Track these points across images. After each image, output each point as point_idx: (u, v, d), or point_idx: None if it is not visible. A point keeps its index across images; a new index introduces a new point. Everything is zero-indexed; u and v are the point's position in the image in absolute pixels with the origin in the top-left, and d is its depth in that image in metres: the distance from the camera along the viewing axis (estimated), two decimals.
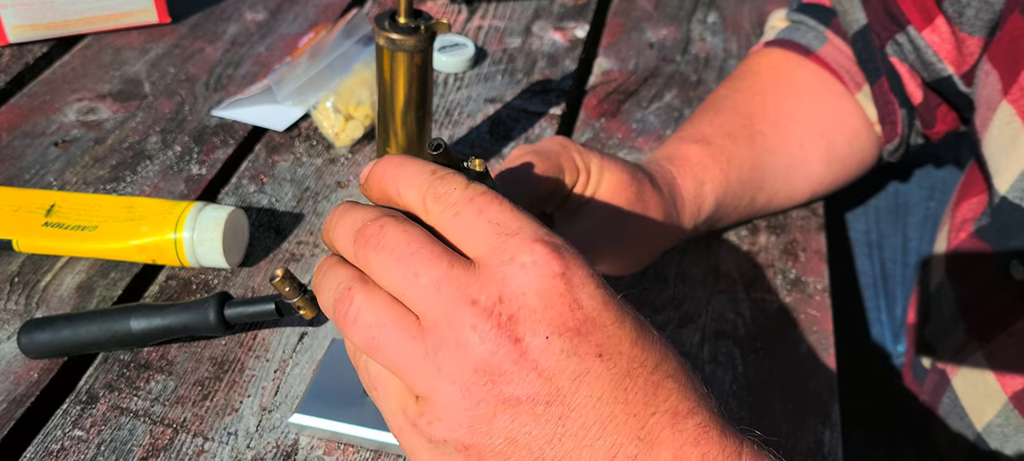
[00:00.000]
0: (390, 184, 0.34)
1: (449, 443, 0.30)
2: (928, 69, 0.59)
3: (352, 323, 0.31)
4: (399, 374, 0.31)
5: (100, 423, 0.47)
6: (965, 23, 0.55)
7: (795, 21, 0.67)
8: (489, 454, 0.29)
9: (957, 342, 0.60)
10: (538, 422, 0.29)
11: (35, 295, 0.54)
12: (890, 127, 0.62)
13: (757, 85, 0.64)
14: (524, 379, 0.29)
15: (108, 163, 0.65)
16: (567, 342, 0.29)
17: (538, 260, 0.30)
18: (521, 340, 0.29)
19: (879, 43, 0.61)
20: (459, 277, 0.30)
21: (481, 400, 0.29)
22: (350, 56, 0.73)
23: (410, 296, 0.31)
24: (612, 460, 0.29)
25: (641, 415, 0.29)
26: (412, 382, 0.31)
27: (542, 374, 0.29)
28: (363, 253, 0.32)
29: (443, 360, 0.30)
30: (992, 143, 0.54)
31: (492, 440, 0.29)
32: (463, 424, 0.29)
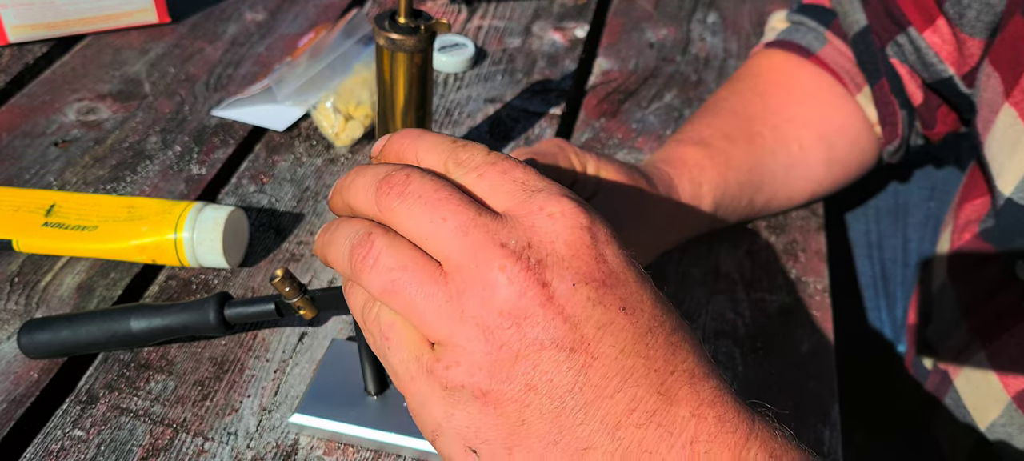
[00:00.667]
0: (408, 152, 0.33)
1: (466, 388, 0.29)
2: (929, 70, 0.59)
3: (371, 267, 0.30)
4: (417, 319, 0.30)
5: (100, 423, 0.47)
6: (966, 24, 0.55)
7: (795, 22, 0.67)
8: (507, 401, 0.29)
9: (959, 342, 0.60)
10: (560, 369, 0.29)
11: (35, 295, 0.54)
12: (890, 128, 0.62)
13: (757, 87, 0.64)
14: (550, 323, 0.28)
15: (108, 163, 0.65)
16: (593, 291, 0.29)
17: (566, 212, 0.30)
18: (549, 284, 0.29)
19: (879, 44, 0.60)
20: (487, 223, 0.30)
21: (504, 344, 0.29)
22: (350, 56, 0.73)
23: (435, 240, 0.30)
24: (631, 413, 0.29)
25: (661, 371, 0.29)
26: (431, 326, 0.30)
27: (568, 320, 0.29)
28: (387, 200, 0.31)
29: (467, 302, 0.29)
30: (994, 145, 0.54)
31: (511, 386, 0.29)
32: (483, 368, 0.29)
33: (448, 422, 0.30)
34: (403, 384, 0.31)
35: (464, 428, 0.30)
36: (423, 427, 0.31)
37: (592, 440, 0.29)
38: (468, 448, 0.30)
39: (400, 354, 0.31)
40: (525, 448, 0.29)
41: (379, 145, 0.35)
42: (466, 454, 0.30)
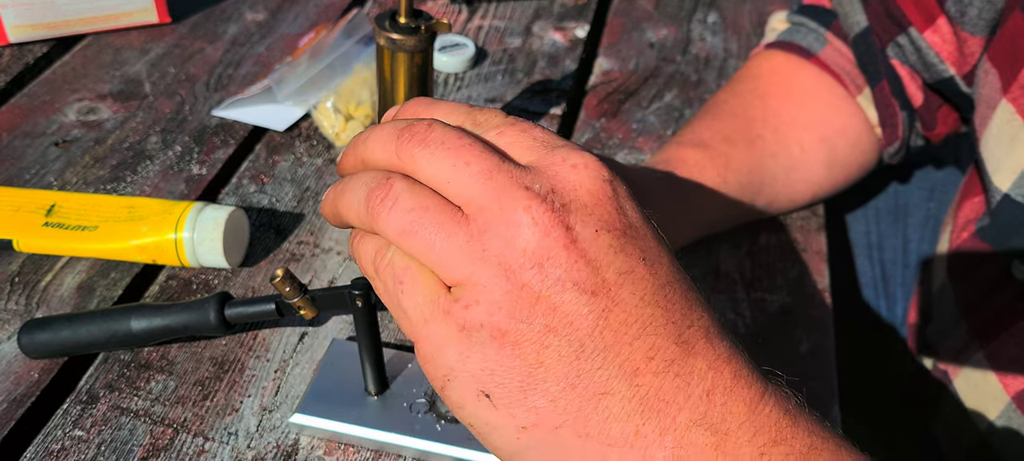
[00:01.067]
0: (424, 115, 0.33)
1: (485, 328, 0.29)
2: (930, 70, 0.59)
3: (389, 208, 0.30)
4: (436, 260, 0.30)
5: (100, 423, 0.47)
6: (967, 23, 0.55)
7: (795, 23, 0.66)
8: (526, 342, 0.28)
9: (959, 342, 0.60)
10: (581, 312, 0.28)
11: (35, 295, 0.54)
12: (891, 130, 0.62)
13: (757, 89, 0.64)
14: (573, 266, 0.28)
15: (108, 163, 0.65)
16: (615, 239, 0.29)
17: (588, 163, 0.30)
18: (572, 229, 0.29)
19: (880, 45, 0.60)
20: (511, 169, 0.30)
21: (525, 284, 0.28)
22: (350, 56, 0.73)
23: (457, 184, 0.30)
24: (650, 361, 0.29)
25: (679, 324, 0.29)
26: (451, 267, 0.29)
27: (590, 264, 0.29)
28: (408, 147, 0.31)
29: (489, 242, 0.29)
30: (991, 141, 0.54)
31: (531, 327, 0.28)
32: (503, 307, 0.28)
33: (462, 365, 0.29)
34: (415, 328, 0.31)
35: (479, 371, 0.29)
36: (433, 374, 0.30)
37: (610, 385, 0.28)
38: (481, 392, 0.29)
39: (414, 297, 0.30)
40: (541, 391, 0.29)
41: (392, 111, 0.35)
42: (478, 399, 0.29)
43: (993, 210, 0.55)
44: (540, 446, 0.29)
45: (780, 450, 0.29)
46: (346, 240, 0.60)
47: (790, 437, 0.29)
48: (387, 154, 0.32)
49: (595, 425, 0.28)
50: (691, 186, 0.56)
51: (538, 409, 0.29)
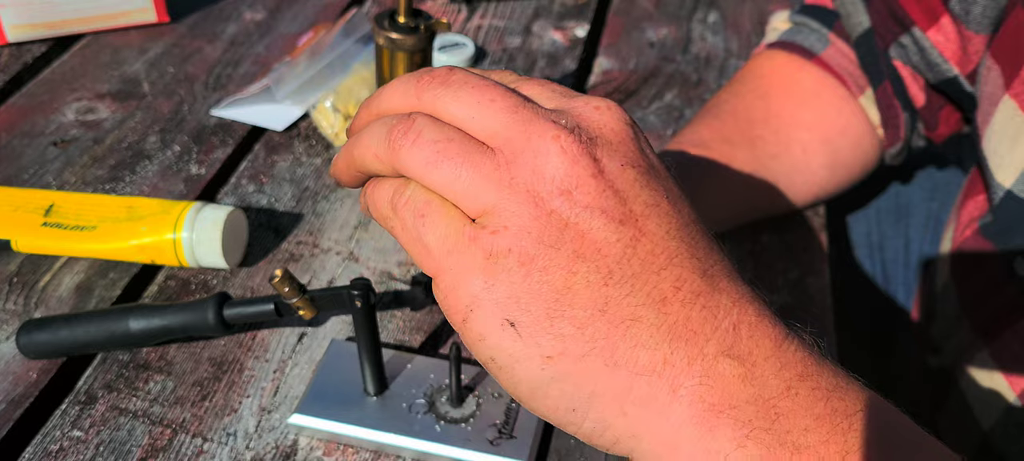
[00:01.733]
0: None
1: (512, 254, 0.28)
2: (933, 70, 0.59)
3: (413, 141, 0.30)
4: (462, 190, 0.29)
5: (99, 423, 0.47)
6: (972, 21, 0.55)
7: (797, 23, 0.66)
8: (554, 267, 0.28)
9: (962, 341, 0.60)
10: (609, 240, 0.28)
11: (34, 295, 0.54)
12: (893, 131, 0.62)
13: (759, 89, 0.63)
14: (601, 194, 0.28)
15: (107, 163, 0.65)
16: (640, 175, 0.30)
17: (610, 106, 0.31)
18: (599, 160, 0.29)
19: (883, 46, 0.60)
20: (536, 106, 0.30)
21: (553, 211, 0.28)
22: (349, 55, 0.72)
23: (482, 120, 0.29)
24: (677, 291, 0.29)
25: (704, 261, 0.30)
26: (477, 196, 0.29)
27: (618, 194, 0.29)
28: (430, 90, 0.31)
29: (517, 171, 0.29)
30: (994, 138, 0.54)
31: (559, 253, 0.28)
32: (532, 233, 0.28)
33: (487, 293, 0.28)
34: (438, 261, 0.30)
35: (505, 297, 0.28)
36: (455, 305, 0.29)
37: (639, 312, 0.28)
38: (506, 321, 0.28)
39: (437, 229, 0.30)
40: (568, 317, 0.28)
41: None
42: (503, 328, 0.28)
43: (995, 207, 0.55)
44: (565, 377, 0.28)
45: (807, 385, 0.29)
46: (345, 240, 0.60)
47: (816, 374, 0.29)
48: (407, 99, 0.31)
49: (623, 353, 0.28)
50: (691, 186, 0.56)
51: (565, 336, 0.28)
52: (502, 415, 0.47)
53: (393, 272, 0.58)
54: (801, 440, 0.28)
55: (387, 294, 0.56)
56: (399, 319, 0.54)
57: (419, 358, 0.50)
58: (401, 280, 0.57)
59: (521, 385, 0.29)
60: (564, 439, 0.47)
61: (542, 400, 0.29)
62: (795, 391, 0.28)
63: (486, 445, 0.45)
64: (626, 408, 0.28)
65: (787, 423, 0.28)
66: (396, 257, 0.59)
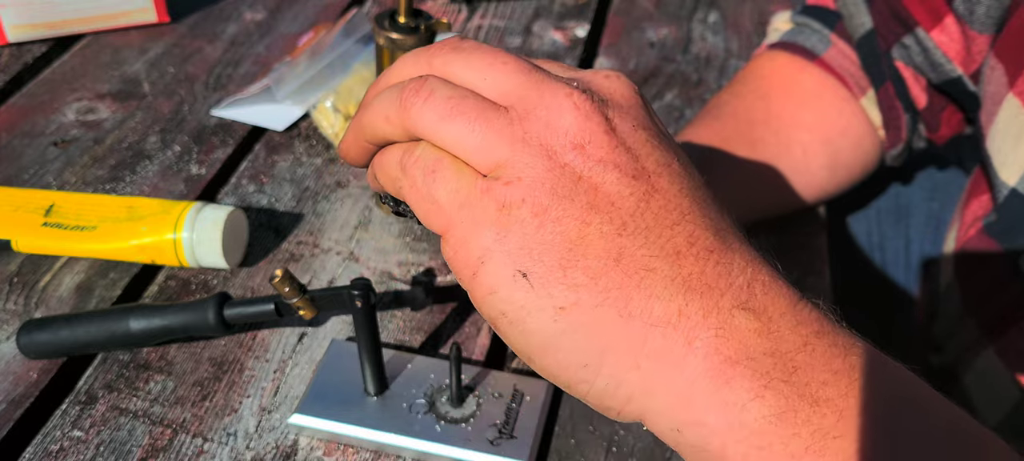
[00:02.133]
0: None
1: (526, 204, 0.28)
2: (936, 70, 0.59)
3: (425, 98, 0.30)
4: (475, 144, 0.29)
5: (99, 423, 0.47)
6: (976, 21, 0.55)
7: (799, 24, 0.66)
8: (568, 218, 0.28)
9: (966, 340, 0.60)
10: (622, 193, 0.28)
11: (34, 295, 0.54)
12: (894, 132, 0.62)
13: (760, 90, 0.64)
14: (614, 150, 0.29)
15: (107, 163, 0.65)
16: (652, 137, 0.30)
17: (621, 76, 0.31)
18: (611, 120, 0.29)
19: (885, 47, 0.60)
20: (547, 71, 0.30)
21: (567, 164, 0.28)
22: (350, 55, 0.72)
23: (494, 81, 0.30)
24: (691, 246, 0.29)
25: (716, 221, 0.30)
26: (489, 150, 0.29)
27: (630, 151, 0.29)
28: (441, 56, 0.31)
29: (530, 125, 0.29)
30: (998, 136, 0.54)
31: (573, 204, 0.28)
32: (545, 184, 0.28)
33: (499, 244, 0.28)
34: (447, 214, 0.29)
35: (517, 248, 0.28)
36: (466, 259, 0.29)
37: (653, 264, 0.28)
38: (517, 272, 0.28)
39: (448, 183, 0.29)
40: (582, 267, 0.28)
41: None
42: (514, 279, 0.28)
43: (1000, 206, 0.55)
44: (578, 328, 0.28)
45: (824, 341, 0.28)
46: (346, 240, 0.60)
47: (832, 332, 0.29)
48: (418, 67, 0.31)
49: (637, 303, 0.28)
50: None
51: (578, 287, 0.28)
52: (502, 415, 0.47)
53: (393, 272, 0.58)
54: (820, 393, 0.27)
55: (387, 294, 0.56)
56: (399, 319, 0.54)
57: (419, 358, 0.50)
58: (401, 280, 0.57)
59: (533, 339, 0.29)
60: (564, 439, 0.47)
61: (553, 355, 0.29)
62: (812, 347, 0.28)
63: (486, 445, 0.45)
64: (640, 361, 0.28)
65: (805, 376, 0.27)
66: (396, 257, 0.59)
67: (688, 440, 0.28)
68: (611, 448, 0.47)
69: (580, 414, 0.49)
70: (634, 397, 0.29)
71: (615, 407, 0.29)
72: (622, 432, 0.48)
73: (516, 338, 0.29)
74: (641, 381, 0.28)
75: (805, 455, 0.27)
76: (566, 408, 0.49)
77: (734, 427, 0.27)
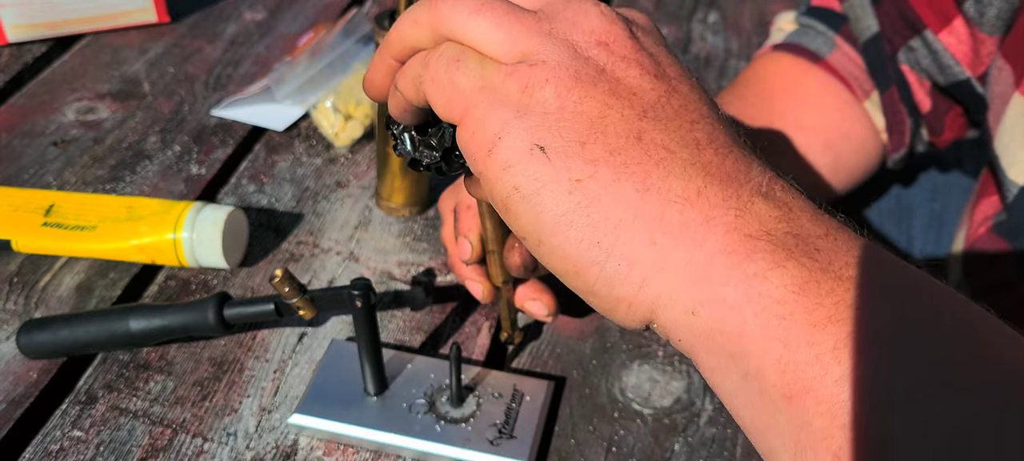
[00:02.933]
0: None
1: (549, 85, 0.28)
2: (944, 72, 0.59)
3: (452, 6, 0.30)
4: (501, 37, 0.29)
5: (99, 423, 0.47)
6: (986, 24, 0.55)
7: (804, 25, 0.66)
8: (589, 100, 0.28)
9: None
10: (644, 87, 0.29)
11: (34, 295, 0.54)
12: (897, 136, 0.62)
13: (763, 92, 0.64)
14: (636, 51, 0.30)
15: (107, 163, 0.65)
16: (668, 55, 0.31)
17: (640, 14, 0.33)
18: (635, 33, 0.30)
19: (891, 50, 0.60)
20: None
21: (590, 58, 0.29)
22: (350, 55, 0.72)
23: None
24: (710, 142, 0.29)
25: (732, 133, 0.30)
26: (515, 42, 0.29)
27: (652, 56, 0.30)
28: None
29: (557, 25, 0.30)
30: (1005, 136, 0.54)
31: (596, 89, 0.28)
32: (569, 70, 0.28)
33: (519, 120, 0.28)
34: (467, 96, 0.29)
35: (536, 125, 0.28)
36: (483, 135, 0.29)
37: (673, 147, 0.28)
38: (535, 145, 0.28)
39: (471, 70, 0.30)
40: (601, 143, 0.28)
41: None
42: (530, 153, 0.28)
43: (1010, 205, 0.55)
44: (593, 202, 0.27)
45: (844, 234, 0.28)
46: (346, 240, 0.60)
47: (852, 232, 0.28)
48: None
49: (656, 180, 0.27)
50: None
51: (596, 160, 0.27)
52: (502, 415, 0.47)
53: (393, 272, 0.58)
54: (843, 272, 0.26)
55: (387, 294, 0.56)
56: (399, 319, 0.54)
57: (419, 358, 0.50)
58: (401, 280, 0.57)
59: (545, 214, 0.28)
60: (564, 439, 0.47)
61: (565, 232, 0.28)
62: (833, 237, 0.27)
63: (486, 445, 0.45)
64: (656, 237, 0.27)
65: (827, 257, 0.27)
66: (396, 257, 0.59)
67: (703, 323, 0.27)
68: (611, 448, 0.47)
69: (580, 414, 0.49)
70: (647, 279, 0.27)
71: (626, 294, 0.28)
72: (622, 432, 0.48)
73: (527, 216, 0.28)
74: (656, 257, 0.27)
75: (828, 324, 0.25)
76: (566, 408, 0.49)
77: (753, 298, 0.26)
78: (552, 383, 0.49)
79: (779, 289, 0.26)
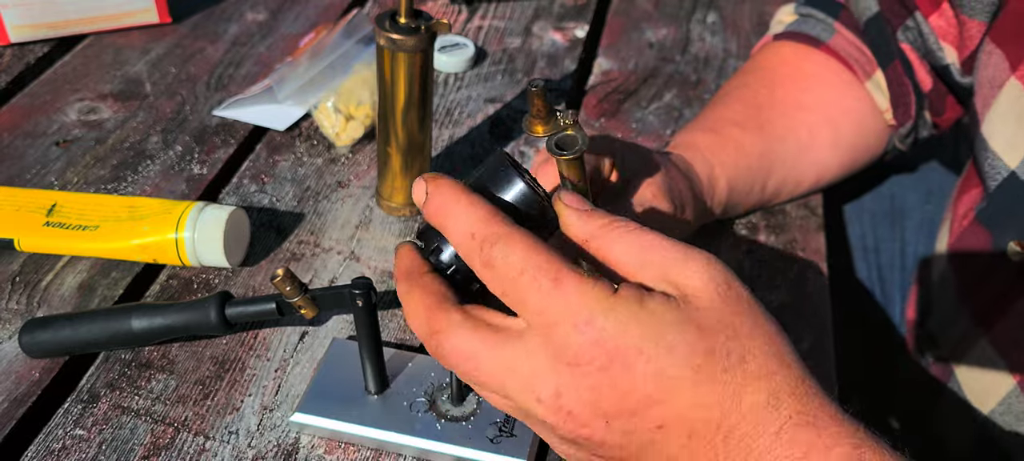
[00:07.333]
0: (445, 232, 0.35)
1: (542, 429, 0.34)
2: (930, 56, 0.60)
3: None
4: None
5: (101, 422, 0.47)
6: (966, 6, 0.56)
7: (803, 15, 0.67)
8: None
9: (961, 331, 0.60)
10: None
11: (36, 294, 0.55)
12: (903, 110, 0.62)
13: (765, 79, 0.64)
14: (598, 448, 0.33)
15: (109, 163, 0.66)
16: (626, 422, 0.32)
17: (581, 358, 0.31)
18: (587, 425, 0.32)
19: (891, 30, 0.61)
20: (519, 367, 0.33)
21: (567, 452, 0.34)
22: (351, 56, 0.73)
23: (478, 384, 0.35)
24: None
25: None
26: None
27: (611, 447, 0.32)
28: (431, 342, 0.36)
29: (524, 420, 0.35)
30: (997, 120, 0.55)
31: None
32: (547, 428, 0.34)
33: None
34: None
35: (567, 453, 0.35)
36: None
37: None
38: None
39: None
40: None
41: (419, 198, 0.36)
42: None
43: (992, 192, 0.56)
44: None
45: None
46: (347, 240, 0.60)
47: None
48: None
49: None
50: (705, 166, 0.57)
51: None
52: (502, 414, 0.47)
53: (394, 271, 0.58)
54: None
55: (388, 293, 0.56)
56: (400, 318, 0.55)
57: (420, 357, 0.50)
58: None
59: None
60: None
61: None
62: None
63: (486, 443, 0.45)
64: None
65: None
66: None
67: None
68: None
69: None
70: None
71: None
72: None
73: None
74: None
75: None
76: None
77: None
78: None
79: None
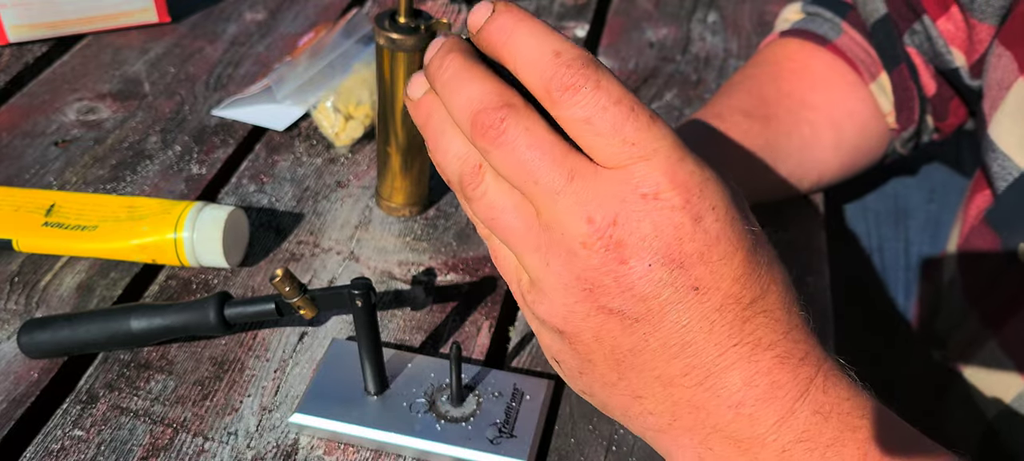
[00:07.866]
0: (504, 54, 0.32)
1: (548, 323, 0.33)
2: (938, 59, 0.60)
3: (479, 199, 0.33)
4: (513, 250, 0.34)
5: (100, 423, 0.47)
6: (977, 9, 0.56)
7: (811, 13, 0.67)
8: (578, 341, 0.33)
9: (968, 333, 0.60)
10: (624, 333, 0.32)
11: (35, 295, 0.54)
12: (906, 115, 0.62)
13: (770, 73, 0.64)
14: (620, 296, 0.31)
15: (108, 163, 0.65)
16: (667, 273, 0.31)
17: (661, 193, 0.30)
18: (626, 262, 0.31)
19: (898, 33, 0.61)
20: (578, 191, 0.30)
21: (578, 301, 0.32)
22: (350, 56, 0.73)
23: (528, 197, 0.32)
24: (685, 376, 0.32)
25: (722, 345, 0.32)
26: (523, 264, 0.33)
27: (637, 296, 0.31)
28: (481, 143, 0.31)
29: (552, 258, 0.32)
30: (1006, 121, 0.55)
31: (582, 333, 0.32)
32: (559, 314, 0.32)
33: (538, 335, 0.35)
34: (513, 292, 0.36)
35: (548, 345, 0.35)
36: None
37: (645, 390, 0.33)
38: (553, 357, 0.35)
39: (506, 274, 0.35)
40: (591, 377, 0.34)
41: (478, 20, 0.32)
42: (552, 361, 0.36)
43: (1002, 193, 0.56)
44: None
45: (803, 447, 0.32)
46: (346, 240, 0.60)
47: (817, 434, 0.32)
48: (463, 130, 0.32)
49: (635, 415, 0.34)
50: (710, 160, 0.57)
51: (591, 394, 0.35)
52: (502, 414, 0.47)
53: (393, 272, 0.58)
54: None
55: (388, 293, 0.56)
56: (400, 318, 0.54)
57: (420, 357, 0.50)
58: (401, 280, 0.57)
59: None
60: (564, 438, 0.48)
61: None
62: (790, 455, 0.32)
63: (486, 444, 0.45)
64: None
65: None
66: (396, 257, 0.59)
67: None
68: (611, 447, 0.47)
69: (580, 413, 0.49)
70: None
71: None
72: (621, 431, 0.48)
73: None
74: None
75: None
76: (566, 407, 0.49)
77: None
78: (552, 382, 0.49)
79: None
